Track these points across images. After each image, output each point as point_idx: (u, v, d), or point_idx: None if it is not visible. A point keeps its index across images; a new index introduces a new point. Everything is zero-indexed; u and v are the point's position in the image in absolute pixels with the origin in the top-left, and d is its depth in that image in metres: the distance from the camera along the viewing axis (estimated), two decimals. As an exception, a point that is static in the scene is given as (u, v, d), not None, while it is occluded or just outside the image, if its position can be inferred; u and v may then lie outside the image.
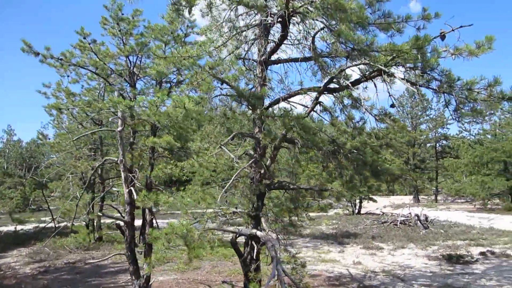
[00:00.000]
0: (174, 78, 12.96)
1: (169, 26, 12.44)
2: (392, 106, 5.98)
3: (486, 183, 27.96)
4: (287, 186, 6.50)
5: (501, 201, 29.43)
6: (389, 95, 5.96)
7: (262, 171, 6.53)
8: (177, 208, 6.63)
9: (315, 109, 6.59)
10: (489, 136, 34.70)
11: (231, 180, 5.86)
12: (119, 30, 13.12)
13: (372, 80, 6.06)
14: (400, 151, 39.57)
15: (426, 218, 19.15)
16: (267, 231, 5.56)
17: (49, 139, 18.97)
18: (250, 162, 6.33)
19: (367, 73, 6.01)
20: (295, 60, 7.10)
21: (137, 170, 13.38)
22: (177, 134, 13.10)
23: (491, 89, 4.85)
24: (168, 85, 13.00)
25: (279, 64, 7.58)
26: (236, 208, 6.31)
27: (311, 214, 27.97)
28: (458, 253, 11.92)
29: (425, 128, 39.98)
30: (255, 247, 6.00)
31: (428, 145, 42.30)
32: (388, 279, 9.36)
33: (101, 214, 7.48)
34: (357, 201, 26.83)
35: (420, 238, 14.99)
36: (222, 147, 5.82)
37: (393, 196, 47.00)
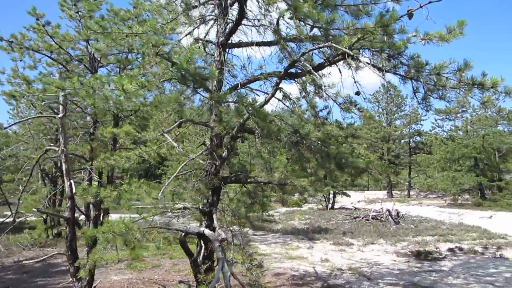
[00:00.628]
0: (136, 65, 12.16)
1: (134, 10, 11.61)
2: (357, 93, 5.50)
3: (456, 179, 28.38)
4: (243, 179, 5.95)
5: (471, 197, 29.98)
6: (355, 82, 5.48)
7: (218, 163, 5.95)
8: (122, 202, 5.97)
9: (276, 96, 6.04)
10: (460, 133, 35.35)
11: (175, 173, 5.26)
12: (77, 12, 12.19)
13: (337, 65, 5.56)
14: (367, 142, 39.84)
15: (398, 213, 19.10)
16: (217, 229, 5.00)
17: (4, 129, 17.75)
18: (202, 152, 5.74)
19: (330, 57, 5.51)
20: (258, 44, 6.54)
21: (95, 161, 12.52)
22: (140, 124, 12.33)
23: (461, 74, 4.41)
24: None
25: (241, 49, 7.01)
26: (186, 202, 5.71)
27: (286, 209, 27.67)
28: (426, 249, 11.74)
29: (400, 124, 40.36)
30: (204, 246, 5.44)
31: (403, 141, 42.75)
32: (354, 277, 9.00)
33: (35, 210, 6.73)
34: (331, 195, 26.67)
35: (390, 234, 14.82)
36: (165, 134, 5.20)
37: (368, 191, 47.43)
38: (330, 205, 26.54)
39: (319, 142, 6.07)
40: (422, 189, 37.39)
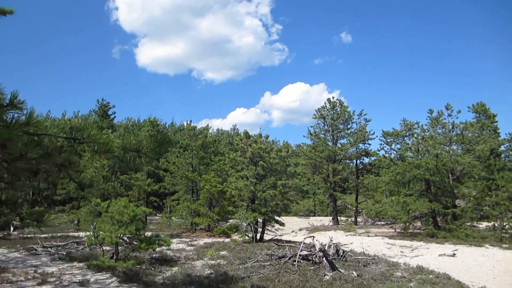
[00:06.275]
0: None
1: None
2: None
3: (408, 204, 24.10)
4: None
5: (423, 225, 25.85)
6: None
7: None
8: None
9: None
10: (410, 153, 31.57)
11: None
12: None
13: None
14: (310, 161, 35.26)
15: (337, 250, 13.95)
16: None
17: None
18: None
19: None
20: None
21: None
22: None
23: None
24: None
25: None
26: None
27: (206, 240, 21.48)
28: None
29: (346, 142, 36.22)
30: None
31: (352, 164, 38.31)
32: None
33: None
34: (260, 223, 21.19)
35: (320, 290, 9.49)
36: None
37: (313, 217, 42.48)
38: (258, 237, 20.93)
39: None
40: (370, 216, 33.18)
